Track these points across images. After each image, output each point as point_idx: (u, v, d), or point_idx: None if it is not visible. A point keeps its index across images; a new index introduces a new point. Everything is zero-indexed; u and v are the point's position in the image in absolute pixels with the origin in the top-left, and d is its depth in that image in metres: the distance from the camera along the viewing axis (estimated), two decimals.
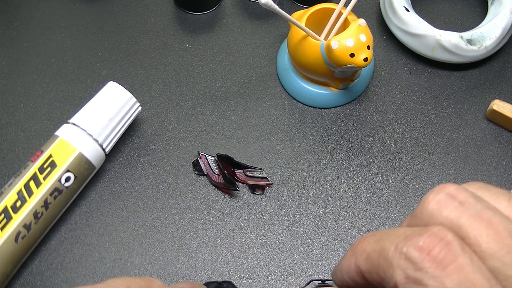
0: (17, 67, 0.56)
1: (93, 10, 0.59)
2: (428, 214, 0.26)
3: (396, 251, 0.25)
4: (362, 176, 0.50)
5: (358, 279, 0.28)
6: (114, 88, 0.49)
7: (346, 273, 0.29)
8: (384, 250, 0.26)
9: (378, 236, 0.27)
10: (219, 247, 0.48)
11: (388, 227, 0.48)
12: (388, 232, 0.27)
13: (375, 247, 0.27)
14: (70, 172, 0.46)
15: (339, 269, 0.30)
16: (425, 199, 0.27)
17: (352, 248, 0.28)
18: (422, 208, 0.27)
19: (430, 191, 0.27)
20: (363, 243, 0.28)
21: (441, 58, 0.53)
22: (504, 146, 0.51)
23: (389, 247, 0.25)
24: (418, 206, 0.27)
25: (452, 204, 0.26)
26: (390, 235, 0.26)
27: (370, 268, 0.27)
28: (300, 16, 0.51)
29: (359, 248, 0.28)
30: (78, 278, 0.47)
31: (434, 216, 0.26)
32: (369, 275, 0.27)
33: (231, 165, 0.50)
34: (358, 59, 0.46)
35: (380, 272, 0.26)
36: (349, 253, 0.29)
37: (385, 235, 0.27)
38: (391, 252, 0.25)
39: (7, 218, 0.44)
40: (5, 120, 0.53)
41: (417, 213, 0.27)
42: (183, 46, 0.57)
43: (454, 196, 0.26)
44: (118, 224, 0.49)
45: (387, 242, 0.26)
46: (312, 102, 0.53)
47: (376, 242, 0.27)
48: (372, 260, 0.26)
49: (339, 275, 0.30)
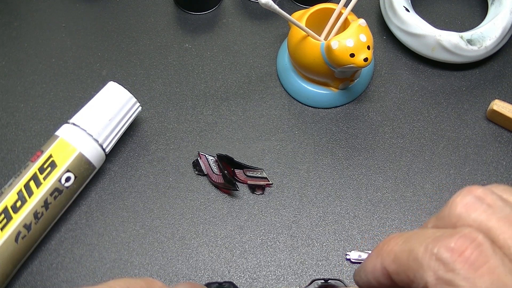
0: (17, 67, 0.56)
1: (93, 10, 0.59)
2: (455, 216, 0.26)
3: (426, 252, 0.25)
4: (362, 176, 0.50)
5: (384, 280, 0.28)
6: (114, 88, 0.49)
7: (371, 274, 0.28)
8: (414, 251, 0.26)
9: (405, 237, 0.27)
10: (219, 247, 0.48)
11: (388, 227, 0.48)
12: (415, 233, 0.27)
13: (403, 248, 0.26)
14: (70, 172, 0.46)
15: (364, 270, 0.29)
16: (453, 201, 0.27)
17: (377, 249, 0.28)
18: (449, 210, 0.27)
19: (457, 193, 0.27)
20: (389, 244, 0.27)
21: (441, 58, 0.53)
22: (504, 146, 0.51)
23: (419, 248, 0.25)
24: (445, 208, 0.27)
25: (481, 207, 0.26)
26: (418, 236, 0.26)
27: (398, 269, 0.26)
28: (300, 16, 0.51)
29: (386, 249, 0.27)
30: (78, 278, 0.47)
31: (462, 218, 0.26)
32: (397, 276, 0.27)
33: (231, 165, 0.50)
34: (358, 59, 0.46)
35: (409, 273, 0.26)
36: (374, 254, 0.28)
37: (412, 236, 0.27)
38: (421, 253, 0.25)
39: (7, 218, 0.44)
40: (5, 120, 0.53)
41: (444, 215, 0.27)
42: (183, 46, 0.57)
43: (482, 198, 0.26)
44: (118, 224, 0.49)
45: (416, 243, 0.26)
46: (312, 102, 0.53)
47: (404, 243, 0.27)
48: (401, 261, 0.26)
49: (363, 276, 0.29)
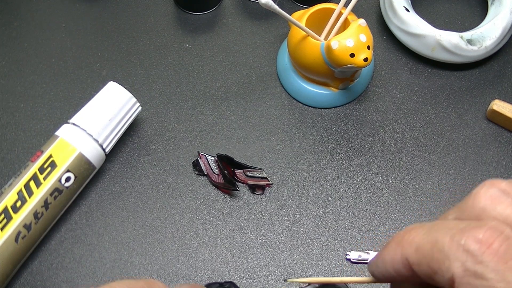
0: (17, 67, 0.56)
1: (93, 10, 0.59)
2: (479, 208, 0.26)
3: (452, 242, 0.25)
4: (362, 176, 0.50)
5: (403, 270, 0.27)
6: (114, 88, 0.49)
7: (390, 264, 0.28)
8: (438, 242, 0.25)
9: (427, 227, 0.26)
10: (219, 247, 0.48)
11: (388, 227, 0.48)
12: (438, 223, 0.26)
13: (426, 239, 0.26)
14: (70, 172, 0.46)
15: (382, 260, 0.29)
16: (476, 193, 0.27)
17: (396, 239, 0.28)
18: (473, 202, 0.26)
19: (480, 186, 0.27)
20: (410, 234, 0.27)
21: (441, 58, 0.53)
22: (504, 146, 0.51)
23: (444, 239, 0.25)
24: (468, 199, 0.27)
25: (506, 200, 0.26)
26: (441, 227, 0.26)
27: (420, 260, 0.26)
28: (300, 16, 0.51)
29: (407, 239, 0.27)
30: (78, 278, 0.47)
31: (487, 211, 0.26)
32: (418, 267, 0.26)
33: (231, 165, 0.50)
34: (358, 59, 0.46)
35: (432, 264, 0.25)
36: (393, 244, 0.28)
37: (435, 226, 0.26)
38: (447, 244, 0.25)
39: (7, 218, 0.44)
40: (5, 120, 0.53)
41: (467, 207, 0.27)
42: (183, 46, 0.57)
43: (507, 192, 0.26)
44: (118, 224, 0.49)
45: (440, 234, 0.25)
46: (312, 102, 0.53)
47: (426, 233, 0.26)
48: (424, 251, 0.26)
49: (381, 266, 0.29)
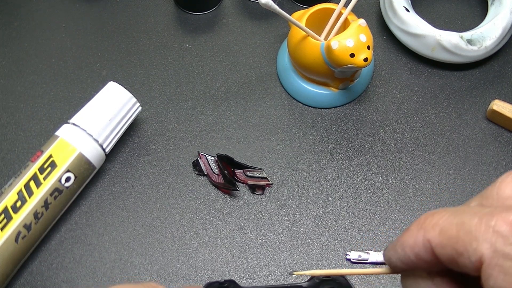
0: (17, 67, 0.56)
1: (93, 10, 0.59)
2: (505, 196, 0.26)
3: (481, 224, 0.24)
4: (362, 176, 0.50)
5: (425, 254, 0.27)
6: (114, 88, 0.49)
7: (411, 248, 0.27)
8: (465, 224, 0.25)
9: (451, 211, 0.26)
10: (219, 247, 0.48)
11: (388, 227, 0.48)
12: (461, 208, 0.26)
13: (452, 221, 0.26)
14: (70, 172, 0.46)
15: (401, 244, 0.28)
16: (502, 181, 0.27)
17: (418, 223, 0.27)
18: (498, 190, 0.27)
19: (506, 174, 0.27)
20: (433, 217, 0.27)
21: (441, 58, 0.53)
22: (504, 146, 0.51)
23: (471, 221, 0.25)
24: (492, 187, 0.27)
25: None
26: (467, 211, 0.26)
27: (445, 242, 0.26)
28: (300, 16, 0.51)
29: (429, 222, 0.27)
30: (78, 278, 0.47)
31: None
32: (442, 250, 0.26)
33: (231, 165, 0.50)
34: (358, 59, 0.46)
35: (458, 246, 0.25)
36: (414, 228, 0.27)
37: (460, 210, 0.26)
38: (475, 225, 0.25)
39: (7, 218, 0.44)
40: (5, 120, 0.53)
41: (492, 194, 0.27)
42: (183, 46, 0.57)
43: None
44: (118, 224, 0.49)
45: (467, 216, 0.25)
46: (312, 102, 0.53)
47: (451, 215, 0.26)
48: (449, 233, 0.26)
49: (400, 251, 0.28)
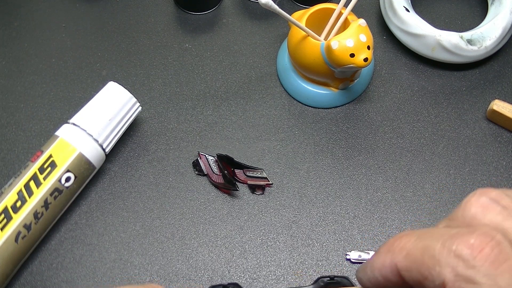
0: (17, 67, 0.56)
1: (93, 10, 0.59)
2: (470, 216, 0.26)
3: (443, 248, 0.25)
4: (362, 176, 0.50)
5: (392, 277, 0.27)
6: (114, 88, 0.49)
7: (379, 271, 0.28)
8: (429, 248, 0.25)
9: (417, 234, 0.27)
10: (219, 247, 0.48)
11: (388, 227, 0.48)
12: (428, 231, 0.26)
13: (417, 245, 0.26)
14: (70, 172, 0.46)
15: (370, 266, 0.29)
16: (467, 202, 0.27)
17: (387, 246, 0.28)
18: (463, 211, 0.27)
19: (471, 195, 0.27)
20: (401, 240, 0.27)
21: (441, 58, 0.53)
22: (504, 146, 0.51)
23: (435, 245, 0.25)
24: (458, 208, 0.27)
25: (496, 208, 0.26)
26: (432, 234, 0.26)
27: (410, 266, 0.26)
28: (300, 16, 0.51)
29: (397, 245, 0.27)
30: (78, 278, 0.47)
31: (477, 218, 0.26)
32: (408, 273, 0.26)
33: (231, 165, 0.50)
34: (358, 59, 0.46)
35: (423, 270, 0.25)
36: (383, 250, 0.28)
37: (426, 233, 0.26)
38: (438, 249, 0.25)
39: (7, 218, 0.44)
40: (5, 120, 0.53)
41: (457, 215, 0.27)
42: (183, 46, 0.57)
43: (497, 200, 0.26)
44: (118, 224, 0.49)
45: (431, 240, 0.25)
46: (312, 102, 0.53)
47: (417, 240, 0.26)
48: (414, 257, 0.26)
49: (369, 272, 0.29)
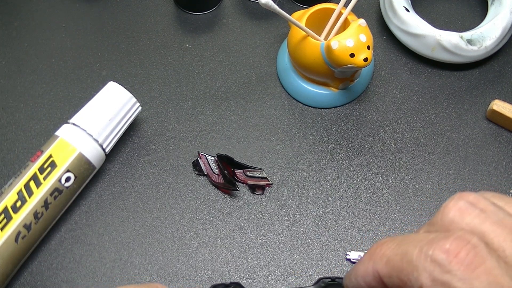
0: (17, 67, 0.56)
1: (93, 10, 0.59)
2: (448, 220, 0.27)
3: (420, 254, 0.25)
4: (362, 176, 0.50)
5: (375, 283, 0.28)
6: (114, 88, 0.49)
7: (362, 278, 0.28)
8: (408, 254, 0.26)
9: (397, 240, 0.27)
10: (219, 247, 0.48)
11: (388, 227, 0.48)
12: (408, 237, 0.27)
13: (396, 251, 0.26)
14: (70, 172, 0.46)
15: (354, 274, 0.29)
16: (445, 206, 0.27)
17: (369, 253, 0.28)
18: (442, 215, 0.27)
19: (449, 199, 0.27)
20: (382, 247, 0.27)
21: (441, 58, 0.53)
22: (504, 146, 0.51)
23: (413, 251, 0.25)
24: (437, 213, 0.27)
25: (474, 211, 0.26)
26: (411, 240, 0.26)
27: (390, 272, 0.26)
28: (300, 16, 0.51)
29: (378, 252, 0.27)
30: (78, 278, 0.47)
31: (455, 222, 0.26)
32: (389, 280, 0.27)
33: (231, 165, 0.50)
34: (358, 59, 0.46)
35: (402, 276, 0.26)
36: (366, 258, 0.28)
37: (405, 239, 0.27)
38: (415, 255, 0.25)
39: (7, 218, 0.44)
40: (5, 120, 0.53)
41: (437, 220, 0.27)
42: (183, 46, 0.57)
43: (474, 203, 0.27)
44: (118, 224, 0.49)
45: (409, 246, 0.26)
46: (312, 102, 0.53)
47: (396, 246, 0.27)
48: (394, 263, 0.26)
49: (354, 280, 0.29)
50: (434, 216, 0.28)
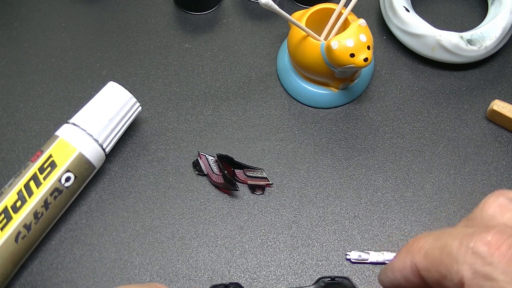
0: (17, 67, 0.56)
1: (93, 10, 0.59)
2: (488, 216, 0.27)
3: (461, 246, 0.25)
4: (362, 176, 0.50)
5: (413, 277, 0.28)
6: (114, 88, 0.49)
7: (400, 272, 0.28)
8: (447, 246, 0.25)
9: (435, 234, 0.27)
10: (219, 247, 0.48)
11: (388, 227, 0.48)
12: (446, 230, 0.27)
13: (435, 244, 0.26)
14: (70, 172, 0.46)
15: (391, 268, 0.29)
16: (485, 202, 0.27)
17: (406, 247, 0.28)
18: (482, 211, 0.27)
19: (489, 195, 0.27)
20: (419, 241, 0.27)
21: (441, 58, 0.53)
22: (504, 146, 0.51)
23: (452, 243, 0.25)
24: (476, 209, 0.28)
25: None
26: (450, 233, 0.26)
27: (429, 265, 0.26)
28: (300, 16, 0.51)
29: (416, 246, 0.27)
30: (78, 278, 0.47)
31: (496, 218, 0.26)
32: (427, 273, 0.27)
33: (231, 165, 0.50)
34: (358, 59, 0.46)
35: (441, 268, 0.26)
36: (403, 252, 0.28)
37: (443, 233, 0.27)
38: (456, 247, 0.25)
39: (7, 218, 0.44)
40: (5, 120, 0.53)
41: (476, 215, 0.27)
42: (183, 46, 0.57)
43: None
44: (118, 224, 0.49)
45: (449, 239, 0.26)
46: (312, 102, 0.53)
47: (435, 239, 0.27)
48: (432, 256, 0.26)
49: (391, 275, 0.29)
50: (473, 212, 0.28)
